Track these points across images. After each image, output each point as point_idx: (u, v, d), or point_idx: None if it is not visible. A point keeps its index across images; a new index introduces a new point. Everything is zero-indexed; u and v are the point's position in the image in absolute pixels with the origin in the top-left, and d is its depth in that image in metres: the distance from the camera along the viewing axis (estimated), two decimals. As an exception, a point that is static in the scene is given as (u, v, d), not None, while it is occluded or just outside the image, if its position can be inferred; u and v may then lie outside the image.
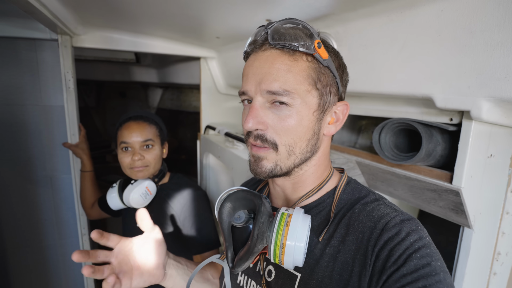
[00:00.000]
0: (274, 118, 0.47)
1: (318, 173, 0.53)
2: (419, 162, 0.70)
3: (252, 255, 0.46)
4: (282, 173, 0.49)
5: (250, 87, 0.48)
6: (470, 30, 0.52)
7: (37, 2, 0.82)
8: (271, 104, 0.47)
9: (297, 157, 0.49)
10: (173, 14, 0.98)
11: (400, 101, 0.75)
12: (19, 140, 1.31)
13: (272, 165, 0.48)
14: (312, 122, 0.48)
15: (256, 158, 0.50)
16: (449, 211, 0.71)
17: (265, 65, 0.46)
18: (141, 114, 1.08)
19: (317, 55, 0.46)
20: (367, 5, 0.66)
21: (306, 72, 0.46)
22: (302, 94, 0.46)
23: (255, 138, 0.48)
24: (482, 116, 0.55)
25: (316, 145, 0.50)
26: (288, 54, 0.46)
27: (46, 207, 1.38)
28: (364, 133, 1.17)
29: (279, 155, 0.48)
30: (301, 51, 0.45)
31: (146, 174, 1.05)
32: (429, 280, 0.38)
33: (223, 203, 0.50)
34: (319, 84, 0.47)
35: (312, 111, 0.47)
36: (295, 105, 0.46)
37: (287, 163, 0.48)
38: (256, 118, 0.46)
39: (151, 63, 2.47)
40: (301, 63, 0.46)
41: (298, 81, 0.45)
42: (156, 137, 1.07)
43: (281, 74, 0.45)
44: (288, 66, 0.45)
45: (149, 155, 1.04)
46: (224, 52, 1.43)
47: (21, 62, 1.26)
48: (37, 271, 1.41)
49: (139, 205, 1.03)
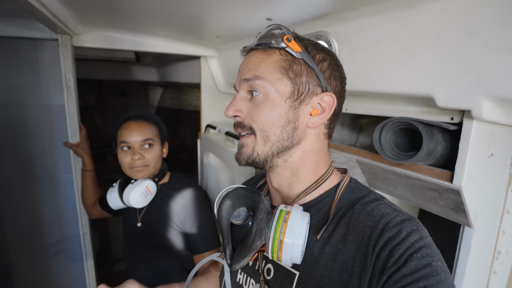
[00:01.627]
0: (250, 106, 0.53)
1: (310, 169, 0.54)
2: (419, 161, 0.70)
3: (250, 251, 0.46)
4: (260, 160, 0.52)
5: (237, 82, 0.55)
6: (471, 29, 0.52)
7: (37, 2, 0.82)
8: (251, 97, 0.53)
9: (274, 144, 0.51)
10: (173, 13, 0.97)
11: (400, 100, 0.75)
12: (21, 139, 1.31)
13: (250, 150, 0.52)
14: (284, 109, 0.50)
15: (240, 145, 0.55)
16: (449, 210, 0.71)
17: (245, 62, 0.54)
18: (141, 113, 1.08)
19: (288, 48, 0.50)
20: (368, 4, 0.66)
21: (278, 63, 0.51)
22: (273, 82, 0.50)
23: (236, 126, 0.55)
24: (483, 116, 0.55)
25: (294, 134, 0.51)
26: (262, 50, 0.52)
27: (48, 206, 1.39)
28: (364, 132, 1.17)
29: (257, 141, 0.52)
30: (272, 47, 0.52)
31: (146, 174, 1.04)
32: (430, 280, 0.38)
33: (222, 200, 0.50)
34: (291, 73, 0.50)
35: (284, 99, 0.51)
36: (268, 93, 0.51)
37: (264, 149, 0.52)
38: (235, 106, 0.53)
39: (151, 62, 2.46)
40: (274, 56, 0.51)
41: (269, 70, 0.51)
42: (156, 137, 1.07)
43: (254, 65, 0.52)
44: (261, 59, 0.52)
45: (149, 155, 1.03)
46: (224, 51, 1.43)
47: (22, 62, 1.25)
48: (39, 270, 1.42)
49: (139, 205, 1.03)
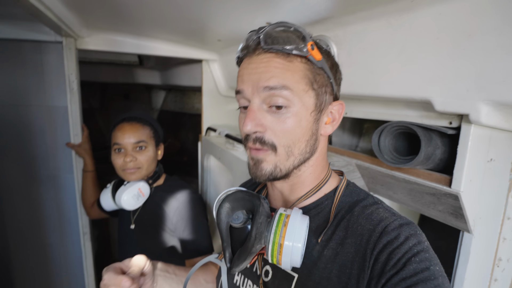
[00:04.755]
0: (273, 120, 0.46)
1: (316, 174, 0.53)
2: (418, 165, 0.70)
3: (250, 255, 0.46)
4: (282, 175, 0.49)
5: (246, 87, 0.47)
6: (469, 34, 0.52)
7: (42, 5, 0.84)
8: (268, 108, 0.47)
9: (296, 158, 0.48)
10: (175, 18, 0.99)
11: (399, 104, 0.75)
12: (24, 140, 1.32)
13: (272, 167, 0.48)
14: (310, 123, 0.48)
15: (255, 161, 0.49)
16: (448, 215, 0.70)
17: (260, 65, 0.46)
18: (135, 115, 1.06)
19: (310, 57, 0.46)
20: (366, 9, 0.67)
21: (302, 73, 0.46)
22: (300, 94, 0.46)
23: (254, 141, 0.47)
24: (481, 120, 0.55)
25: (314, 145, 0.50)
26: (282, 56, 0.45)
27: (49, 206, 1.40)
28: (365, 136, 1.17)
29: (278, 156, 0.47)
30: (294, 54, 0.45)
31: (139, 176, 1.03)
32: (428, 284, 0.38)
33: (221, 203, 0.50)
34: (315, 85, 0.47)
35: (309, 112, 0.47)
36: (293, 106, 0.46)
37: (286, 164, 0.48)
38: (255, 120, 0.46)
39: (154, 66, 2.48)
40: (297, 64, 0.46)
41: (296, 80, 0.45)
42: (150, 139, 1.05)
43: (278, 71, 0.45)
44: (285, 65, 0.45)
45: (141, 157, 1.02)
46: (226, 54, 1.44)
47: (27, 64, 1.28)
48: (39, 269, 1.42)
49: (131, 207, 1.02)
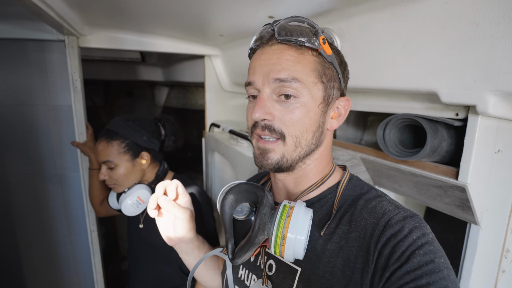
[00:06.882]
0: (282, 109, 0.47)
1: (320, 168, 0.54)
2: (424, 158, 0.69)
3: (252, 246, 0.46)
4: (287, 165, 0.49)
5: (257, 78, 0.48)
6: (475, 23, 0.51)
7: (44, 4, 0.84)
8: (278, 97, 0.48)
9: (303, 149, 0.49)
10: (176, 13, 0.98)
11: (404, 96, 0.74)
12: (30, 139, 1.34)
13: (279, 156, 0.48)
14: (317, 115, 0.49)
15: (262, 150, 0.49)
16: (455, 207, 0.69)
17: (273, 57, 0.47)
18: (109, 127, 1.04)
19: (321, 50, 0.47)
20: (370, 0, 0.65)
21: (312, 65, 0.47)
22: (309, 86, 0.47)
23: (262, 128, 0.48)
24: (489, 111, 0.54)
25: (320, 138, 0.51)
26: (295, 48, 0.47)
27: (56, 204, 1.42)
28: (370, 130, 1.16)
29: (287, 146, 0.48)
30: (306, 46, 0.47)
31: (123, 188, 1.04)
32: (433, 277, 0.38)
33: (225, 195, 0.51)
34: (324, 78, 0.48)
35: (317, 104, 0.48)
36: (302, 97, 0.47)
37: (293, 155, 0.49)
38: (264, 108, 0.47)
39: (157, 62, 2.48)
40: (308, 56, 0.47)
41: (306, 72, 0.47)
42: (119, 155, 1.01)
43: (289, 64, 0.46)
44: (296, 58, 0.47)
45: (113, 175, 1.02)
46: (228, 49, 1.43)
47: (30, 63, 1.28)
48: (48, 267, 1.45)
49: (131, 214, 1.03)
